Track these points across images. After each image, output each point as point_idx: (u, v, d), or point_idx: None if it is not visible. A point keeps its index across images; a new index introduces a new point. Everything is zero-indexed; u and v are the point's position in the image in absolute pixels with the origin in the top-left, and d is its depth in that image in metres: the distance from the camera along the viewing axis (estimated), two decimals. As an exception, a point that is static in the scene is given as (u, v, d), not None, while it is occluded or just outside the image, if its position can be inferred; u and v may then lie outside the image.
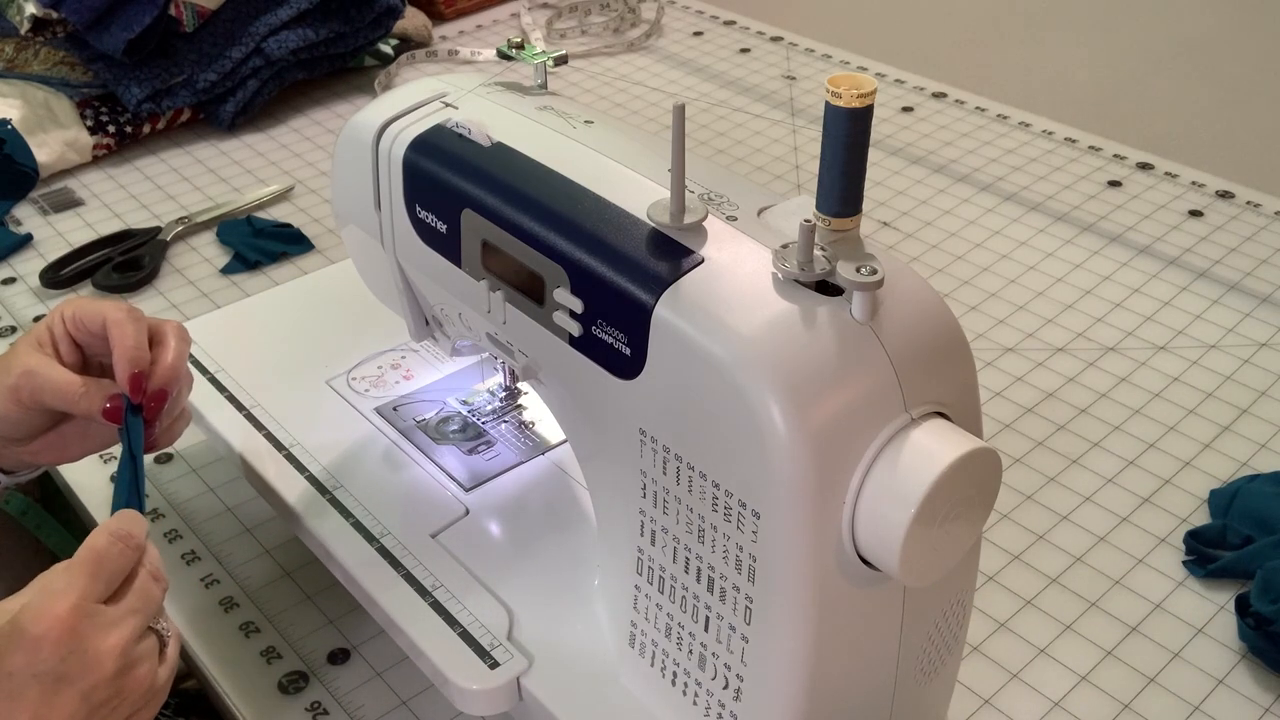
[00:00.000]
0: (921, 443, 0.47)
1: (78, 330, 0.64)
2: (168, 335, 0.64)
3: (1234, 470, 0.81)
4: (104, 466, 0.82)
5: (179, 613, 0.72)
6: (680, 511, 0.52)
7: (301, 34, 1.22)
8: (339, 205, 0.72)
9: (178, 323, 0.65)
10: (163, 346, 0.63)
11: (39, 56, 1.23)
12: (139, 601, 0.52)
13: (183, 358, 0.64)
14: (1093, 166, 1.16)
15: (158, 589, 0.54)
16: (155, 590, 0.54)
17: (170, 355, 0.63)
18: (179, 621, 0.72)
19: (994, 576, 0.74)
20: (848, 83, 0.47)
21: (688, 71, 1.36)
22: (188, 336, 0.65)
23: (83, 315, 0.63)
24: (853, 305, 0.48)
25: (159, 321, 0.65)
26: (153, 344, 0.64)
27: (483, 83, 0.68)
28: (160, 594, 0.54)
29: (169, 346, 0.63)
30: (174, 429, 0.66)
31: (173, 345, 0.63)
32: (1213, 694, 0.67)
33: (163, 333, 0.64)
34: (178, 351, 0.63)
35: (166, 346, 0.63)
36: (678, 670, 0.56)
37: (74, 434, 0.65)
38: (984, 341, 0.93)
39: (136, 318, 0.63)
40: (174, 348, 0.63)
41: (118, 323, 0.62)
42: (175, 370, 0.63)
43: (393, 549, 0.65)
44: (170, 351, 0.63)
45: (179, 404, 0.65)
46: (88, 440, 0.66)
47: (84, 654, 0.49)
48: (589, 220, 0.55)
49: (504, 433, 0.73)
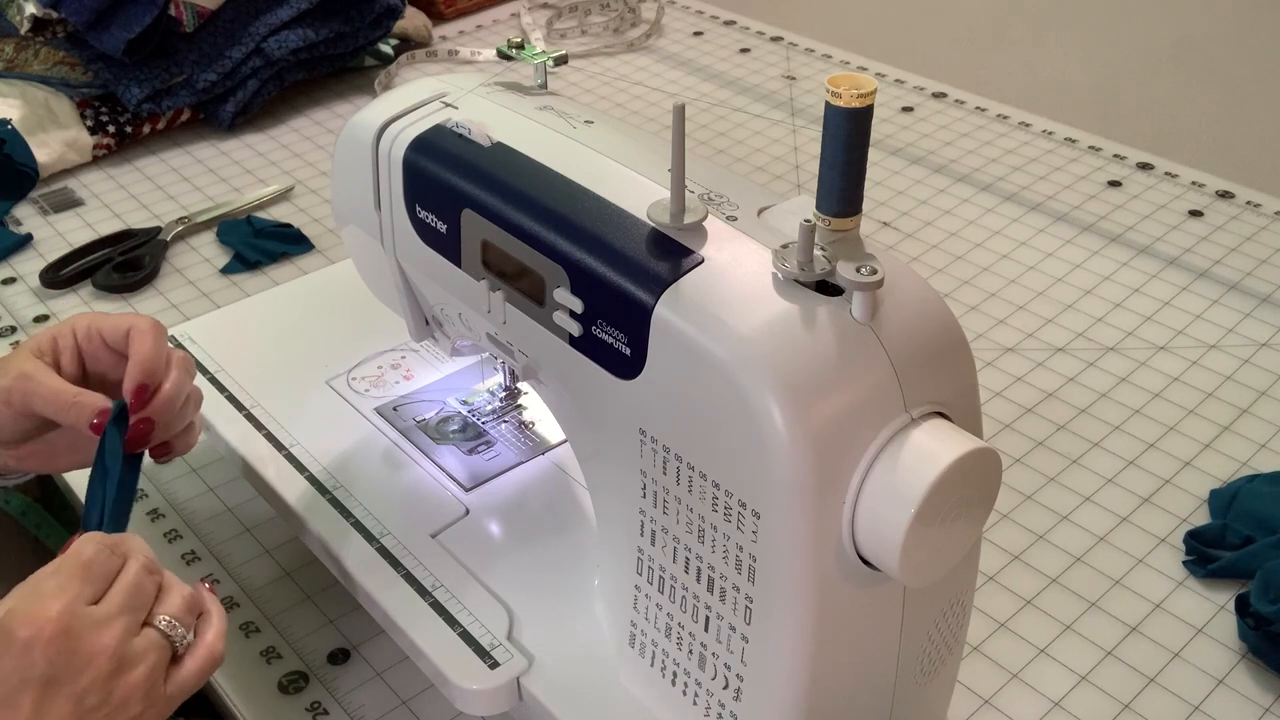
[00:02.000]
0: (921, 443, 0.47)
1: (90, 342, 0.63)
2: (172, 364, 0.63)
3: (1234, 470, 0.81)
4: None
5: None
6: (680, 511, 0.52)
7: (301, 34, 1.22)
8: (339, 205, 0.72)
9: (186, 355, 0.64)
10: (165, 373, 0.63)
11: (39, 56, 1.23)
12: (129, 599, 0.52)
13: (181, 388, 0.63)
14: (1093, 166, 1.16)
15: (150, 583, 0.53)
16: (148, 586, 0.53)
17: (169, 385, 0.62)
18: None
19: (994, 576, 0.74)
20: (848, 83, 0.47)
21: (688, 71, 1.36)
22: (192, 369, 0.65)
23: (101, 326, 0.63)
24: (853, 305, 0.48)
25: (170, 349, 0.64)
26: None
27: (483, 83, 0.68)
28: (153, 589, 0.53)
29: (170, 376, 0.62)
30: (186, 439, 0.65)
31: (174, 375, 0.62)
32: (1213, 694, 0.67)
33: (169, 360, 0.63)
34: (177, 382, 0.62)
35: (168, 376, 0.62)
36: (678, 670, 0.56)
37: (63, 444, 0.65)
38: (984, 341, 0.93)
39: (160, 332, 0.63)
40: (175, 378, 0.62)
41: (140, 332, 0.62)
42: (171, 401, 0.62)
43: (393, 549, 0.65)
44: (170, 382, 0.62)
45: (183, 419, 0.64)
46: (76, 453, 0.65)
47: (74, 655, 0.49)
48: (589, 220, 0.55)
49: (504, 433, 0.73)
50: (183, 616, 0.54)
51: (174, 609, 0.54)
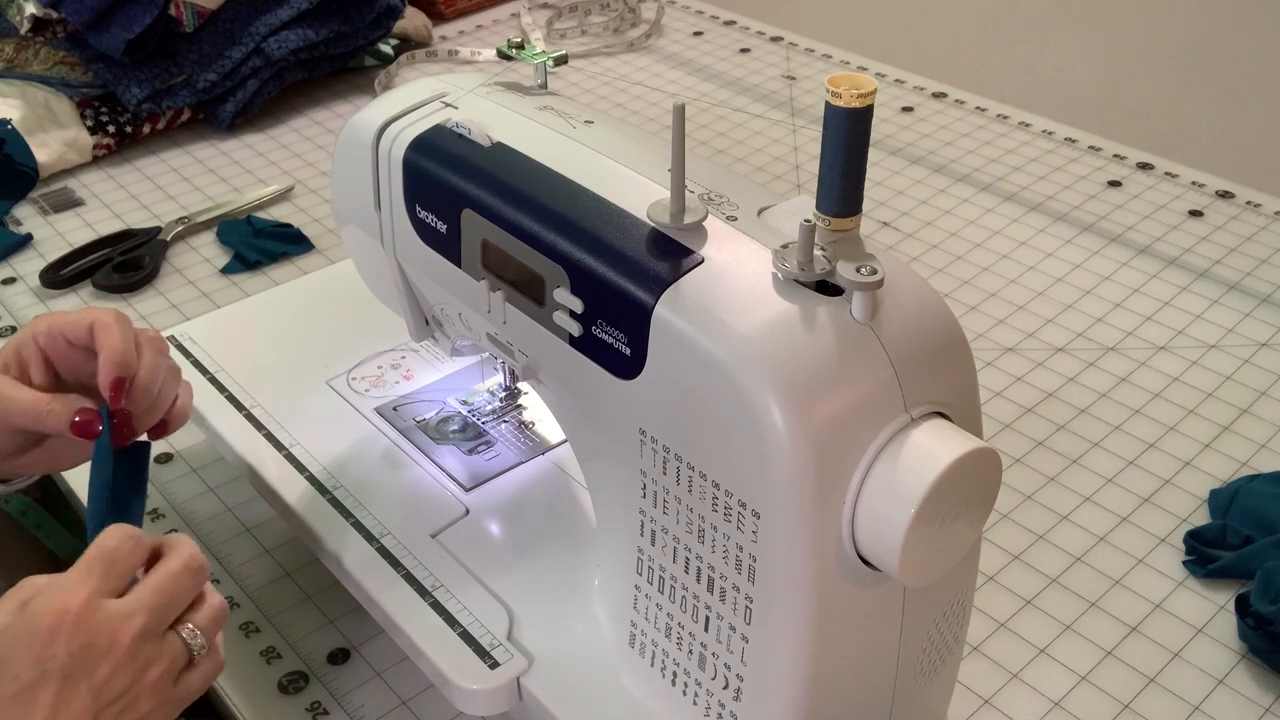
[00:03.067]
0: (921, 443, 0.47)
1: (53, 345, 0.62)
2: (143, 348, 0.62)
3: (1234, 470, 0.81)
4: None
5: (179, 613, 0.72)
6: (680, 511, 0.52)
7: (301, 34, 1.22)
8: (339, 205, 0.72)
9: (155, 334, 0.64)
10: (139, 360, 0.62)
11: (39, 56, 1.23)
12: (155, 597, 0.51)
13: (156, 372, 0.62)
14: (1093, 166, 1.16)
15: (187, 586, 0.52)
16: (183, 587, 0.52)
17: (144, 372, 0.61)
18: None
19: (994, 576, 0.74)
20: (848, 83, 0.47)
21: (688, 71, 1.36)
22: (164, 346, 0.64)
23: (62, 326, 0.62)
24: (853, 305, 0.48)
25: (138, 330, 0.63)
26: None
27: (483, 83, 0.68)
28: (188, 593, 0.53)
29: (143, 362, 0.61)
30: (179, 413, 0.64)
31: (146, 360, 0.62)
32: (1213, 694, 0.67)
33: (139, 345, 0.62)
34: (150, 366, 0.62)
35: (141, 361, 0.61)
36: (678, 670, 0.56)
37: (60, 445, 0.64)
38: (984, 341, 0.93)
39: (124, 322, 0.62)
40: (147, 362, 0.62)
41: (105, 325, 0.61)
42: (148, 387, 0.61)
43: (393, 549, 0.65)
44: (144, 368, 0.61)
45: (168, 397, 0.63)
46: (77, 449, 0.65)
47: (93, 648, 0.49)
48: (589, 220, 0.55)
49: (504, 433, 0.73)
50: (207, 628, 0.53)
51: (202, 621, 0.53)
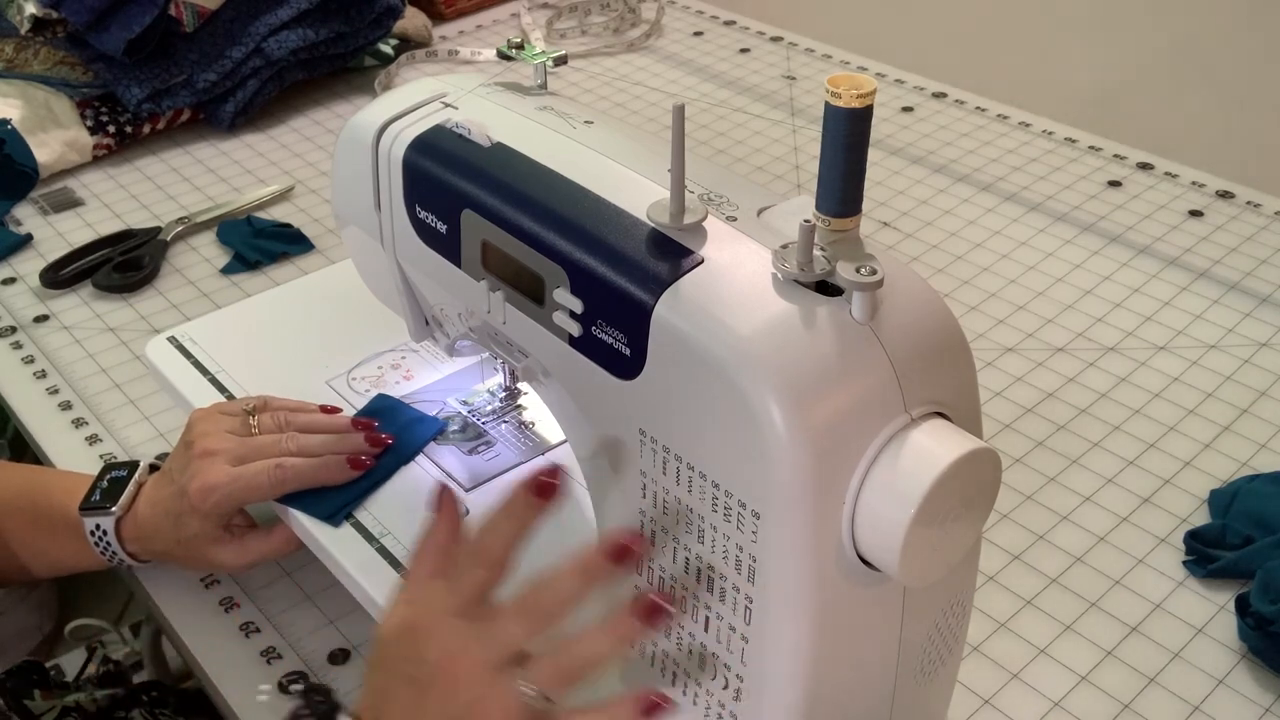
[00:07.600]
0: (921, 443, 0.47)
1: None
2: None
3: (1234, 470, 0.81)
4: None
5: (179, 611, 0.72)
6: (680, 511, 0.52)
7: (301, 34, 1.22)
8: (339, 205, 0.72)
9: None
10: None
11: (39, 56, 1.23)
12: (517, 627, 0.50)
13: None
14: (1093, 166, 1.16)
15: (540, 622, 0.51)
16: (537, 618, 0.51)
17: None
18: (178, 620, 0.72)
19: (994, 576, 0.74)
20: (848, 83, 0.47)
21: (688, 71, 1.36)
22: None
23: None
24: (853, 305, 0.48)
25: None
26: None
27: (483, 83, 0.68)
28: (542, 623, 0.51)
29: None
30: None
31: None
32: (1213, 694, 0.67)
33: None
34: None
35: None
36: (678, 670, 0.56)
37: (255, 538, 0.71)
38: (984, 341, 0.93)
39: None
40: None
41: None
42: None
43: (393, 549, 0.65)
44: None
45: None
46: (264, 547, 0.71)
47: (455, 668, 0.49)
48: (589, 220, 0.55)
49: (504, 433, 0.73)
50: (547, 687, 0.50)
51: (544, 678, 0.50)
